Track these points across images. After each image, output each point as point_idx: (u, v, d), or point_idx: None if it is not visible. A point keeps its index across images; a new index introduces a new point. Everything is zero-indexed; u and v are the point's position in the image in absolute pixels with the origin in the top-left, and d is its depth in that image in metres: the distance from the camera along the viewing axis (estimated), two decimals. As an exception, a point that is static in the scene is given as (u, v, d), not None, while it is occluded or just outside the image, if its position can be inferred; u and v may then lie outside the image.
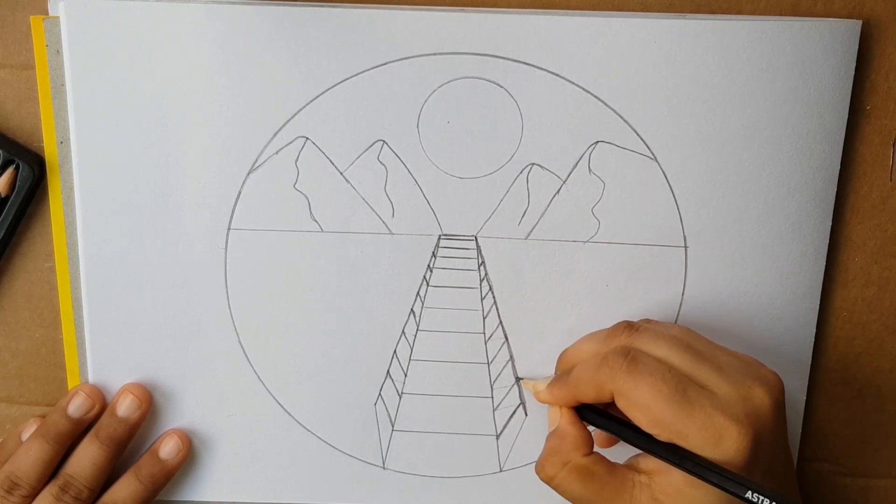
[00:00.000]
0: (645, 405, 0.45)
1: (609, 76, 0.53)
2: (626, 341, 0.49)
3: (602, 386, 0.47)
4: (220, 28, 0.52)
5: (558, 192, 0.54)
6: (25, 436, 0.55)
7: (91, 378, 0.56)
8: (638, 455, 0.48)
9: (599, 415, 0.49)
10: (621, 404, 0.46)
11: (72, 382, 0.57)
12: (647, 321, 0.52)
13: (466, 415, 0.58)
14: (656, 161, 0.54)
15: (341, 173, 0.54)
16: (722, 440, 0.44)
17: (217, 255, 0.55)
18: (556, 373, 0.55)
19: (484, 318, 0.56)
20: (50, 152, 0.54)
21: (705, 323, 0.56)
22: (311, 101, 0.53)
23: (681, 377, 0.46)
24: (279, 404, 0.57)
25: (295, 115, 0.53)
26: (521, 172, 0.54)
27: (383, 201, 0.54)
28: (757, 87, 0.53)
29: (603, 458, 0.48)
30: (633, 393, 0.46)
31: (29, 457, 0.53)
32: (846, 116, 0.53)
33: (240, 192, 0.54)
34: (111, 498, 0.54)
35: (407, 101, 0.53)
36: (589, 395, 0.48)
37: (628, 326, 0.49)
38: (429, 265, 0.55)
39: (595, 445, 0.50)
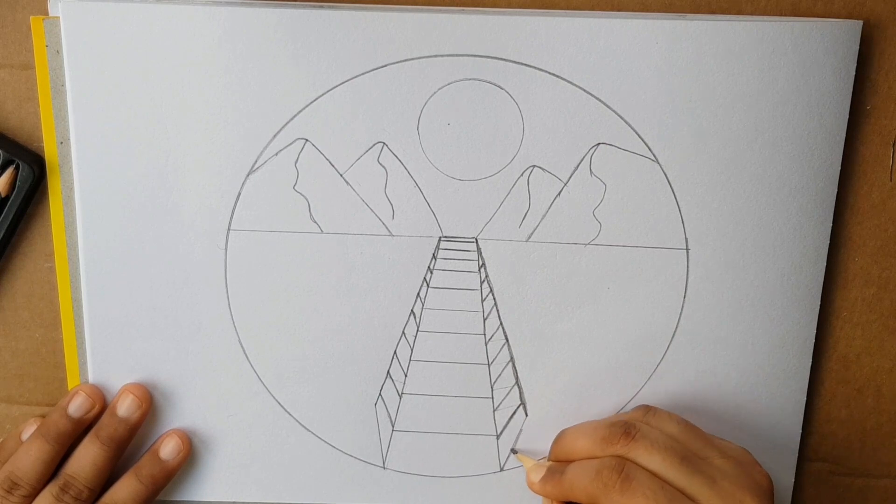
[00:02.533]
0: None
1: (610, 77, 0.52)
2: (622, 451, 0.49)
3: (595, 498, 0.48)
4: (221, 29, 0.52)
5: (559, 194, 0.54)
6: (25, 436, 0.55)
7: (91, 378, 0.56)
8: None
9: None
10: None
11: (72, 382, 0.57)
12: (645, 412, 0.53)
13: (467, 415, 0.58)
14: (658, 163, 0.54)
15: (341, 175, 0.54)
16: None
17: (217, 256, 0.55)
18: (549, 454, 0.55)
19: (484, 320, 0.56)
20: (50, 152, 0.54)
21: (707, 324, 0.56)
22: (311, 102, 0.53)
23: (673, 495, 0.47)
24: (279, 404, 0.57)
25: (295, 116, 0.53)
26: (521, 174, 0.54)
27: (383, 203, 0.54)
28: (757, 87, 0.53)
29: None
30: None
31: (29, 457, 0.53)
32: (846, 116, 0.53)
33: (239, 194, 0.54)
34: (111, 498, 0.54)
35: (407, 103, 0.53)
36: (581, 501, 0.50)
37: (625, 434, 0.50)
38: (429, 267, 0.55)
39: None
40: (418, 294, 0.56)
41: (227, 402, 0.57)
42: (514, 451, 0.58)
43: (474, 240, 0.55)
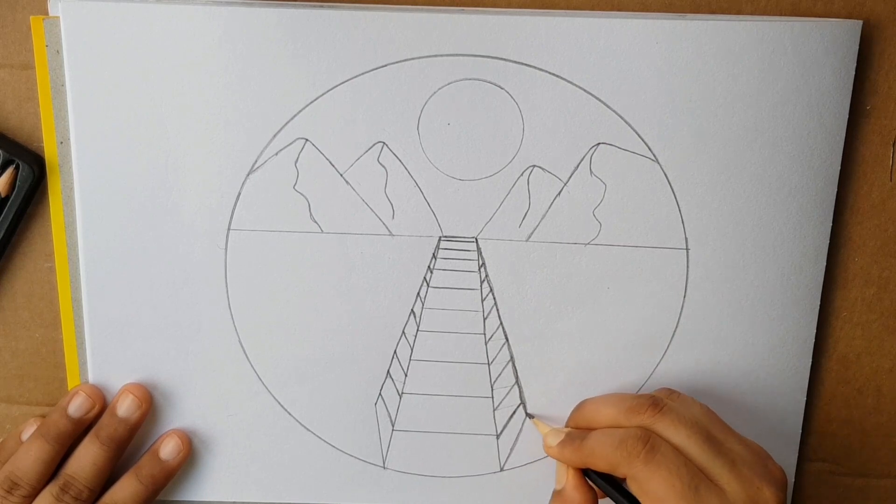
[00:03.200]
0: (657, 497, 0.46)
1: (610, 77, 0.52)
2: (648, 422, 0.49)
3: (617, 466, 0.48)
4: (221, 29, 0.52)
5: (559, 194, 0.54)
6: (25, 436, 0.55)
7: (91, 378, 0.56)
8: None
9: (606, 481, 0.50)
10: (633, 488, 0.48)
11: (72, 382, 0.57)
12: (670, 393, 0.53)
13: (467, 415, 0.58)
14: (657, 163, 0.54)
15: (341, 175, 0.54)
16: None
17: (217, 255, 0.55)
18: (568, 421, 0.55)
19: (484, 320, 0.56)
20: (50, 152, 0.54)
21: (706, 324, 0.56)
22: (311, 102, 0.53)
23: (695, 473, 0.47)
24: (279, 404, 0.57)
25: (295, 116, 0.53)
26: (521, 174, 0.54)
27: (383, 203, 0.54)
28: (757, 87, 0.53)
29: None
30: (648, 483, 0.47)
31: (29, 457, 0.53)
32: (846, 116, 0.53)
33: (239, 193, 0.54)
34: (111, 498, 0.54)
35: (407, 103, 0.53)
36: (600, 468, 0.49)
37: (653, 405, 0.50)
38: (429, 266, 0.55)
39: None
40: (418, 294, 0.56)
41: (227, 402, 0.57)
42: (530, 416, 0.57)
43: (474, 240, 0.55)
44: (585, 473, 0.51)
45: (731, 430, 0.50)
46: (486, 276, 0.56)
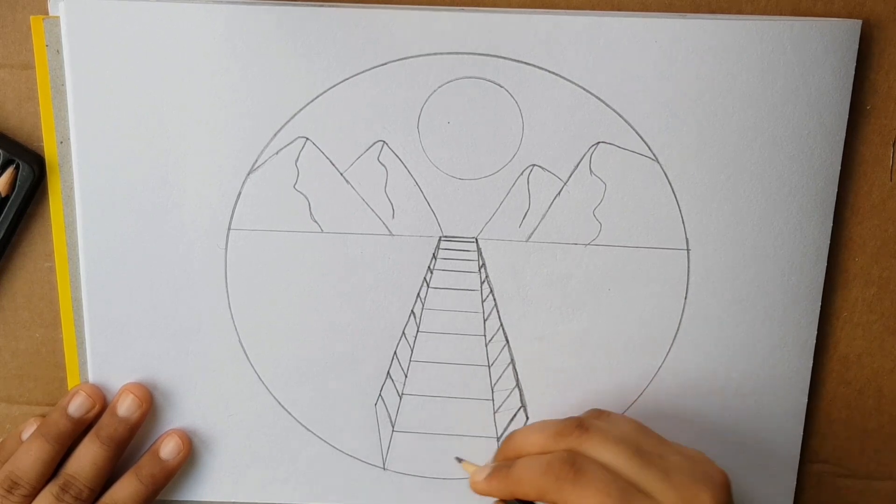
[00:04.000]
0: None
1: (610, 76, 0.53)
2: (575, 444, 0.48)
3: (546, 492, 0.46)
4: (220, 28, 0.52)
5: (559, 193, 0.54)
6: (26, 435, 0.55)
7: (91, 378, 0.56)
8: None
9: None
10: None
11: (72, 382, 0.57)
12: (599, 414, 0.52)
13: (467, 417, 0.58)
14: (658, 162, 0.54)
15: (341, 174, 0.54)
16: None
17: (217, 255, 0.55)
18: (497, 455, 0.52)
19: (485, 321, 0.56)
20: (50, 152, 0.54)
21: (708, 325, 0.56)
22: (312, 101, 0.53)
23: (625, 488, 0.45)
24: (279, 404, 0.57)
25: (295, 115, 0.53)
26: (521, 174, 0.54)
27: (383, 202, 0.54)
28: (757, 87, 0.53)
29: None
30: None
31: (29, 456, 0.53)
32: (846, 116, 0.53)
33: (240, 193, 0.54)
34: (111, 498, 0.54)
35: (407, 102, 0.53)
36: (530, 496, 0.48)
37: (578, 426, 0.48)
38: (429, 267, 0.55)
39: None
40: (418, 294, 0.56)
41: (227, 402, 0.57)
42: (458, 460, 0.55)
43: (474, 239, 0.55)
44: None
45: (665, 441, 0.49)
46: (487, 276, 0.55)
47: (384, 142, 0.54)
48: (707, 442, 0.57)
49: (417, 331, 0.56)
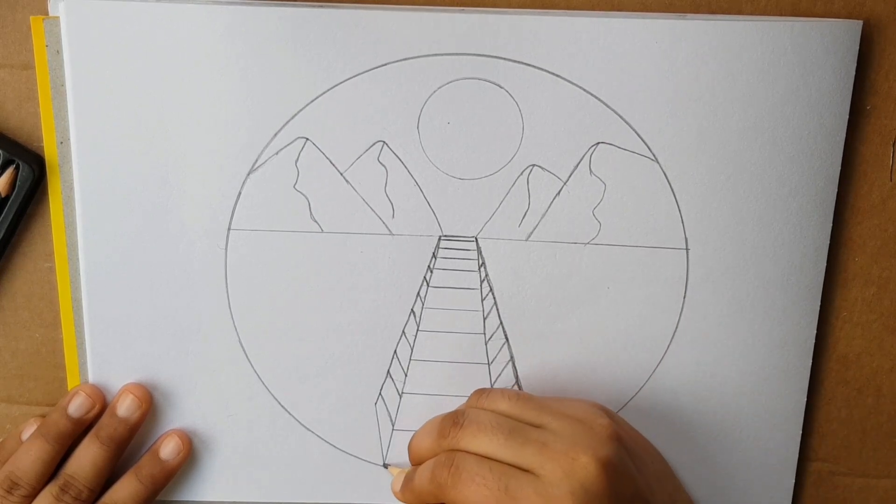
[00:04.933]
0: None
1: (609, 77, 0.53)
2: (453, 442, 0.49)
3: (438, 498, 0.48)
4: (221, 28, 0.52)
5: (559, 193, 0.54)
6: (25, 436, 0.55)
7: (91, 378, 0.56)
8: None
9: None
10: None
11: (72, 382, 0.57)
12: (479, 396, 0.52)
13: (467, 415, 0.58)
14: (657, 162, 0.54)
15: (341, 174, 0.54)
16: None
17: (217, 255, 0.55)
18: (410, 459, 0.54)
19: (484, 319, 0.56)
20: (50, 152, 0.54)
21: (706, 324, 0.56)
22: (312, 101, 0.53)
23: (502, 472, 0.46)
24: (279, 404, 0.57)
25: (295, 115, 0.53)
26: (521, 174, 0.54)
27: (383, 202, 0.54)
28: (757, 87, 0.53)
29: None
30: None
31: (29, 456, 0.53)
32: (846, 116, 0.53)
33: (240, 193, 0.54)
34: (111, 498, 0.54)
35: (407, 102, 0.53)
36: (432, 502, 0.49)
37: (454, 423, 0.49)
38: (429, 266, 0.55)
39: None
40: (418, 293, 0.56)
41: (227, 402, 0.57)
42: (386, 466, 0.57)
43: (474, 239, 0.55)
44: None
45: (546, 405, 0.50)
46: (486, 275, 0.56)
47: (384, 142, 0.54)
48: (706, 440, 0.57)
49: (417, 330, 0.56)
